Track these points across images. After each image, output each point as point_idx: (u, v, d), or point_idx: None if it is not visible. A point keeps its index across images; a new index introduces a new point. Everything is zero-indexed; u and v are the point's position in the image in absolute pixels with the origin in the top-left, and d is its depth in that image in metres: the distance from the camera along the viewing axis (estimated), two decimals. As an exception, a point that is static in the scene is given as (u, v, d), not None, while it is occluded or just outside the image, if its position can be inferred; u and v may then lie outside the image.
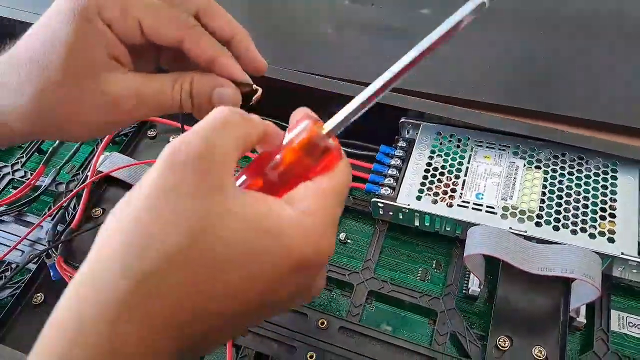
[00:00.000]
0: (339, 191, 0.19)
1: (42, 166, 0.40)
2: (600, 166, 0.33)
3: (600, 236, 0.30)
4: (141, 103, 0.23)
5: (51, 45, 0.22)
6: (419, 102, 0.36)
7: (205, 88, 0.24)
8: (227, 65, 0.24)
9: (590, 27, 0.40)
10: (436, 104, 0.36)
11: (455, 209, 0.32)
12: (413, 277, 0.34)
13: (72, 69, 0.22)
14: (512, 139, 0.35)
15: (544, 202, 0.32)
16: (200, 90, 0.24)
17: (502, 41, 0.42)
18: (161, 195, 0.16)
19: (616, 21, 0.40)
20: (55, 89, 0.22)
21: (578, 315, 0.30)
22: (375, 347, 0.30)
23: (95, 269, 0.16)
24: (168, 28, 0.23)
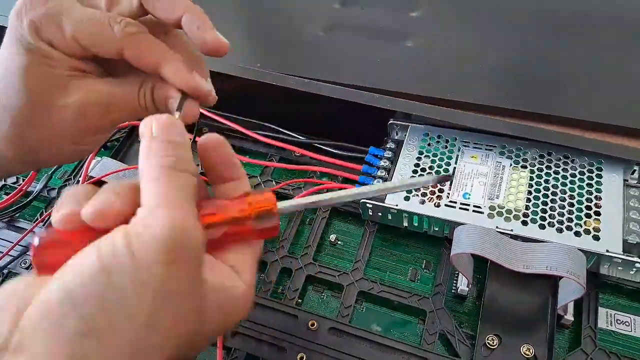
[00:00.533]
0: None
1: (34, 172, 0.41)
2: (585, 165, 0.34)
3: (585, 234, 0.30)
4: (110, 108, 0.23)
5: (7, 77, 0.22)
6: (406, 104, 0.37)
7: (161, 97, 0.23)
8: (170, 72, 0.22)
9: (576, 26, 0.41)
10: (423, 105, 0.36)
11: (443, 209, 0.33)
12: (403, 278, 0.34)
13: (30, 94, 0.22)
14: (499, 139, 0.36)
15: (530, 201, 0.32)
16: (159, 98, 0.23)
17: (488, 42, 0.43)
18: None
19: (602, 21, 0.41)
20: (25, 114, 0.22)
21: (566, 313, 0.30)
22: (365, 348, 0.30)
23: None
24: (103, 41, 0.22)
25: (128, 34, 0.22)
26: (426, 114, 0.35)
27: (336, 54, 0.47)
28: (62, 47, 0.22)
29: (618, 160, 0.33)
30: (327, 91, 0.37)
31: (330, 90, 0.37)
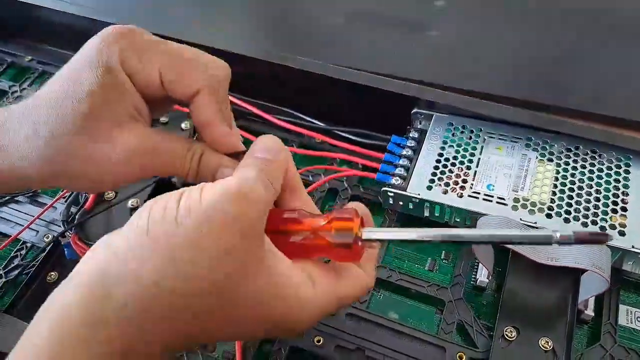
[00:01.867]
0: (346, 302, 0.22)
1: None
2: (613, 160, 0.33)
3: (611, 229, 0.30)
4: (154, 161, 0.23)
5: (73, 94, 0.22)
6: (431, 92, 0.36)
7: (212, 164, 0.24)
8: (230, 141, 0.24)
9: (609, 21, 0.40)
10: (448, 94, 0.36)
11: (466, 200, 0.33)
12: (421, 267, 0.34)
13: (89, 121, 0.22)
14: (525, 131, 0.35)
15: (555, 195, 0.32)
16: (208, 165, 0.24)
17: (517, 34, 0.42)
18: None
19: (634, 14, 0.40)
20: (71, 138, 0.22)
21: (586, 308, 0.30)
22: (382, 334, 0.30)
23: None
24: (188, 82, 0.22)
25: (206, 85, 0.23)
26: (453, 102, 0.35)
27: (356, 42, 0.47)
28: (141, 81, 0.22)
29: (647, 156, 0.33)
30: (351, 77, 0.37)
31: (355, 76, 0.37)
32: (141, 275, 0.18)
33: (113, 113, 0.22)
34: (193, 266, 0.18)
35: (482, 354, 0.29)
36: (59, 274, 0.34)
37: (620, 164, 0.33)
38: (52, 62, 0.49)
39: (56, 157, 0.22)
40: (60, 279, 0.34)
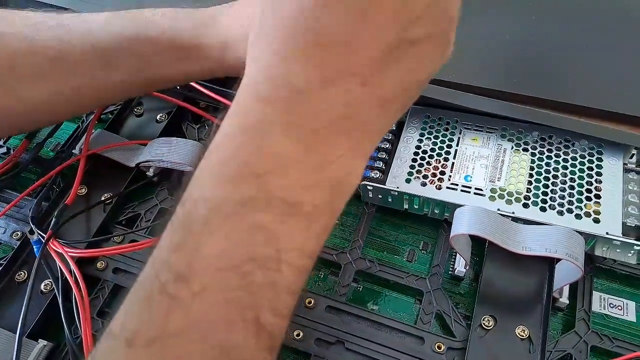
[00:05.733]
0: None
1: (25, 141, 0.39)
2: (586, 148, 0.34)
3: (586, 217, 0.31)
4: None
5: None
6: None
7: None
8: None
9: (582, 11, 0.40)
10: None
11: (444, 192, 0.33)
12: (400, 258, 0.34)
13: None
14: (500, 121, 0.36)
15: (531, 184, 0.32)
16: None
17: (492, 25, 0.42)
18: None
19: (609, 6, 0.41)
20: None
21: (561, 296, 0.31)
22: (361, 326, 0.30)
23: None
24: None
25: None
26: (428, 94, 0.35)
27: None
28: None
29: (618, 144, 0.33)
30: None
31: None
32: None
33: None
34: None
35: (460, 343, 0.29)
36: (28, 272, 0.33)
37: (593, 152, 0.34)
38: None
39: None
40: (30, 278, 0.33)
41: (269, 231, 0.17)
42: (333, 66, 0.17)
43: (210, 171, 0.18)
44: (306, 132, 0.17)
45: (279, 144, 0.17)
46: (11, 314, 0.31)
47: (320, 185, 0.18)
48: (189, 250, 0.17)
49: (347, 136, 0.18)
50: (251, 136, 0.17)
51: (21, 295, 0.32)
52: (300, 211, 0.17)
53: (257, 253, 0.17)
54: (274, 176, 0.17)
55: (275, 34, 0.17)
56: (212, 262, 0.17)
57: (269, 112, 0.17)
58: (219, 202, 0.17)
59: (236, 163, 0.17)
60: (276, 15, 0.17)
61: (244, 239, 0.17)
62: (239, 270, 0.17)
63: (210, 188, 0.17)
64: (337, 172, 0.18)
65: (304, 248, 0.18)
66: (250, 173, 0.17)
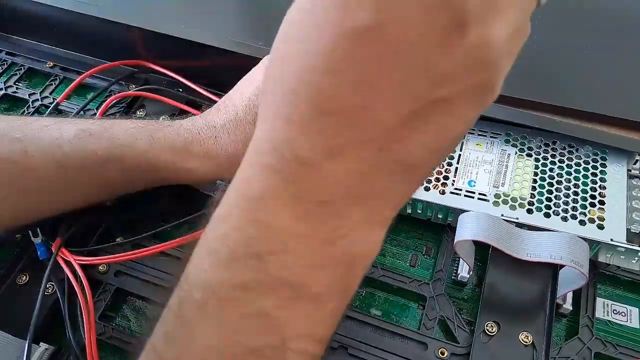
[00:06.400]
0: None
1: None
2: (590, 154, 0.34)
3: (590, 223, 0.30)
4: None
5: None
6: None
7: None
8: None
9: (586, 16, 0.40)
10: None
11: (448, 196, 0.33)
12: (403, 263, 0.34)
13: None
14: (504, 127, 0.36)
15: (535, 190, 0.32)
16: None
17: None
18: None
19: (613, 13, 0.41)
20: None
21: (565, 302, 0.30)
22: (364, 331, 0.30)
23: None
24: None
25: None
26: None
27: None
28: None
29: (622, 150, 0.33)
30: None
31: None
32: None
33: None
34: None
35: (463, 349, 0.29)
36: (30, 275, 0.33)
37: (597, 158, 0.34)
38: (22, 53, 0.47)
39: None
40: (32, 281, 0.33)
41: (272, 318, 0.15)
42: (341, 135, 0.15)
43: (208, 250, 0.16)
44: (312, 204, 0.16)
45: (282, 219, 0.15)
46: (12, 317, 0.31)
47: (331, 263, 0.16)
48: (182, 343, 0.15)
49: (362, 206, 0.16)
50: (253, 209, 0.16)
51: (22, 298, 0.32)
52: (307, 294, 0.16)
53: (258, 343, 0.15)
54: (277, 255, 0.15)
55: (278, 96, 0.16)
56: (206, 357, 0.15)
57: (272, 182, 0.16)
58: (214, 286, 0.16)
59: (235, 241, 0.16)
60: (281, 76, 0.16)
61: (243, 328, 0.15)
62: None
63: (207, 270, 0.16)
64: (350, 247, 0.16)
65: (312, 334, 0.16)
66: (250, 252, 0.15)
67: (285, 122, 0.15)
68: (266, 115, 0.16)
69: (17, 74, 0.46)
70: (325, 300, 0.16)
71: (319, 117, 0.15)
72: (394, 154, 0.15)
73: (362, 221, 0.16)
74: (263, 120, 0.16)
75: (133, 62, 0.44)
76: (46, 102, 0.43)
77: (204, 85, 0.42)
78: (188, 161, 0.31)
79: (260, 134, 0.16)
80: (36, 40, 0.48)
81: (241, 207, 0.16)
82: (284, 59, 0.16)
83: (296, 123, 0.15)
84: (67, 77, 0.45)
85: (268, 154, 0.16)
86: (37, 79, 0.46)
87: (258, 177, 0.16)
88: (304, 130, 0.15)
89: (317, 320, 0.16)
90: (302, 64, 0.15)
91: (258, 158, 0.16)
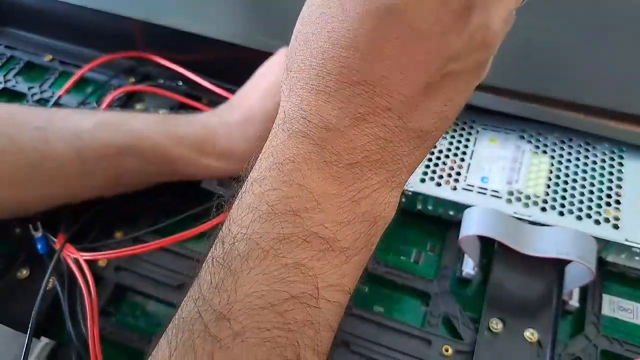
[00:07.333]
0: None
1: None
2: (607, 152, 0.33)
3: (605, 222, 0.30)
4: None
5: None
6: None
7: None
8: None
9: (605, 14, 0.39)
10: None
11: (459, 193, 0.32)
12: (407, 259, 0.34)
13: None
14: (518, 122, 0.35)
15: (549, 187, 0.32)
16: None
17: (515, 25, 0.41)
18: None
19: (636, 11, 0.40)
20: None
21: (571, 298, 0.30)
22: (367, 328, 0.30)
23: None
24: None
25: None
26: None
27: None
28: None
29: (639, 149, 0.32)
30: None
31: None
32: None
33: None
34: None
35: (467, 346, 0.29)
36: (30, 270, 0.33)
37: (614, 157, 0.33)
38: (20, 46, 0.46)
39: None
40: (32, 275, 0.32)
41: (308, 268, 0.17)
42: (365, 104, 0.17)
43: (248, 207, 0.18)
44: (341, 167, 0.17)
45: (314, 180, 0.17)
46: (12, 311, 0.31)
47: (357, 220, 0.18)
48: (230, 290, 0.17)
49: (382, 169, 0.18)
50: (287, 172, 0.17)
51: (22, 293, 0.31)
52: (337, 247, 0.17)
53: (296, 291, 0.17)
54: (311, 212, 0.17)
55: (306, 71, 0.18)
56: (251, 301, 0.17)
57: (303, 148, 0.17)
58: (257, 239, 0.17)
59: (273, 199, 0.17)
60: (306, 53, 0.18)
61: (283, 277, 0.17)
62: (278, 309, 0.17)
63: (248, 225, 0.17)
64: (372, 206, 0.18)
65: (341, 284, 0.18)
66: (288, 210, 0.17)
67: (314, 94, 0.17)
68: (294, 89, 0.18)
69: (16, 67, 0.45)
70: (352, 254, 0.18)
71: (346, 88, 0.17)
72: (412, 121, 0.18)
73: (383, 183, 0.18)
74: (290, 94, 0.18)
75: (133, 54, 0.43)
76: (45, 95, 0.43)
77: (205, 78, 0.41)
78: (203, 158, 0.33)
79: (289, 106, 0.18)
80: (34, 33, 0.47)
81: (276, 170, 0.18)
82: (310, 38, 0.18)
83: (325, 94, 0.17)
84: (65, 71, 0.45)
85: (298, 122, 0.18)
86: (35, 72, 0.46)
87: (289, 144, 0.18)
88: (332, 100, 0.17)
89: (345, 272, 0.18)
90: (329, 41, 0.17)
91: (288, 127, 0.18)
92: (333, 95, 0.17)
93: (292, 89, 0.18)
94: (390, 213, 0.19)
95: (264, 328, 0.16)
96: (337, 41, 0.17)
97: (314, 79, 0.17)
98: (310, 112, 0.17)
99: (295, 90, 0.18)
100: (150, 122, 0.32)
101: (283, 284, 0.17)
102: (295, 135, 0.18)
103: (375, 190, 0.18)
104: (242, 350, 0.16)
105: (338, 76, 0.17)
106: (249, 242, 0.17)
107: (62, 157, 0.30)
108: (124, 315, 0.32)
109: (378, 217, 0.18)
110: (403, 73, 0.17)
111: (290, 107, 0.18)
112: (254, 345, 0.16)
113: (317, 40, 0.17)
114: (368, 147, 0.17)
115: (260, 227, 0.17)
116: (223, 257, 0.18)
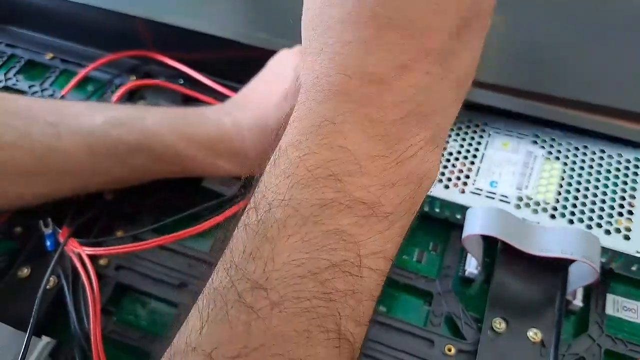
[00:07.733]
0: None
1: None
2: (621, 161, 0.33)
3: (615, 233, 0.29)
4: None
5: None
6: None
7: None
8: None
9: (622, 14, 0.39)
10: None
11: (468, 196, 0.32)
12: (409, 259, 0.34)
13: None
14: (531, 127, 0.35)
15: (560, 195, 0.31)
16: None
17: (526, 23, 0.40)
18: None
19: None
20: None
21: (574, 298, 0.30)
22: (370, 328, 0.29)
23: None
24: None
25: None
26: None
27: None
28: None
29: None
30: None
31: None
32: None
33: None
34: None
35: (470, 346, 0.29)
36: (32, 268, 0.33)
37: (629, 165, 0.32)
38: (21, 45, 0.46)
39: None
40: (34, 274, 0.32)
41: (350, 235, 0.16)
42: (409, 50, 0.16)
43: (283, 173, 0.17)
44: (385, 125, 0.16)
45: (357, 142, 0.16)
46: (13, 309, 0.31)
47: (401, 182, 0.17)
48: (266, 258, 0.16)
49: (425, 125, 0.17)
50: (326, 134, 0.16)
51: (23, 291, 0.31)
52: (380, 212, 0.17)
53: (337, 258, 0.16)
54: (353, 176, 0.16)
55: (340, 23, 0.16)
56: (290, 270, 0.16)
57: (343, 106, 0.16)
58: (295, 206, 0.16)
59: (312, 164, 0.16)
60: (333, 9, 0.17)
61: (323, 244, 0.16)
62: (319, 278, 0.16)
63: (286, 190, 0.17)
64: (418, 166, 0.17)
65: (384, 251, 0.17)
66: (328, 174, 0.16)
67: (351, 45, 0.16)
68: (324, 48, 0.17)
69: (17, 66, 0.45)
70: (395, 219, 0.17)
71: (388, 33, 0.16)
72: (451, 67, 0.17)
73: (427, 141, 0.17)
74: (321, 54, 0.17)
75: (136, 53, 0.43)
76: (46, 94, 0.43)
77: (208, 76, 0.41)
78: (214, 157, 0.32)
79: (320, 67, 0.17)
80: (35, 32, 0.47)
81: (313, 133, 0.17)
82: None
83: (364, 45, 0.16)
84: (67, 69, 0.44)
85: (335, 79, 0.16)
86: (36, 70, 0.45)
87: (326, 106, 0.17)
88: (372, 49, 0.16)
89: (387, 238, 0.17)
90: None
91: (322, 88, 0.17)
92: (375, 45, 0.16)
93: (323, 48, 0.17)
94: (434, 174, 0.18)
95: (304, 298, 0.15)
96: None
97: (348, 32, 0.16)
98: (349, 67, 0.16)
99: (326, 49, 0.17)
100: (163, 120, 0.32)
101: (324, 252, 0.16)
102: (334, 95, 0.16)
103: (422, 148, 0.17)
104: (281, 320, 0.15)
105: (376, 23, 0.16)
106: (287, 209, 0.16)
107: (73, 152, 0.30)
108: (125, 314, 0.32)
109: (424, 177, 0.17)
110: (438, 16, 0.16)
111: (321, 68, 0.17)
112: (292, 315, 0.15)
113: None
114: (413, 100, 0.16)
115: (299, 192, 0.16)
116: (257, 224, 0.17)
